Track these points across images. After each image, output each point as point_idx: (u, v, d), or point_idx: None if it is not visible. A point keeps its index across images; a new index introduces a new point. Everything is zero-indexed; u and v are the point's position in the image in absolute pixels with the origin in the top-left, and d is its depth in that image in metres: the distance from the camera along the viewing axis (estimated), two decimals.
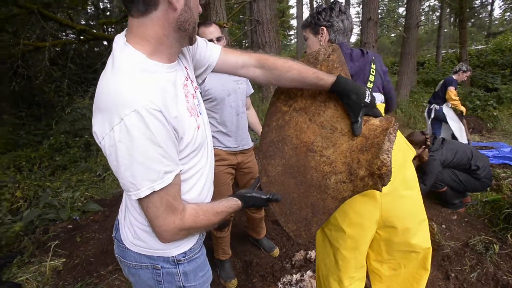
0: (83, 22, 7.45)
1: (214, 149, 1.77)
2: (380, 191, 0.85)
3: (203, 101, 1.73)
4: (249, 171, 1.94)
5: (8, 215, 2.70)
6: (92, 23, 7.64)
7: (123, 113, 0.60)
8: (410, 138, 2.60)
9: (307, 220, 0.95)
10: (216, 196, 2.00)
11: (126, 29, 0.71)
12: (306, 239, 0.97)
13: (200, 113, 0.84)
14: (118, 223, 0.87)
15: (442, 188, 2.58)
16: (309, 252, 2.15)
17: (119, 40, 0.70)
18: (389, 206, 1.13)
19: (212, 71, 0.93)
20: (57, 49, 4.95)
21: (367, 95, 0.87)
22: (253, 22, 7.70)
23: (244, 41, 16.07)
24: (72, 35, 5.36)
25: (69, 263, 2.11)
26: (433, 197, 2.79)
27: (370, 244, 1.27)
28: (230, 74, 0.96)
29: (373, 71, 1.18)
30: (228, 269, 2.01)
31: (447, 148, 2.58)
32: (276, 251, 2.22)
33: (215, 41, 1.66)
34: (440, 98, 4.10)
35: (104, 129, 0.62)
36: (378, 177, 0.83)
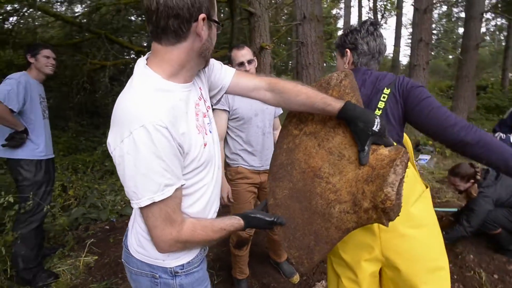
0: (145, 44, 8.33)
1: (237, 167, 1.82)
2: (386, 225, 0.79)
3: (231, 119, 1.80)
4: None
5: (60, 210, 3.04)
6: None
7: (133, 128, 0.66)
8: (456, 170, 2.33)
9: (309, 248, 0.92)
10: (235, 213, 2.01)
11: (149, 52, 0.78)
12: (308, 267, 0.93)
13: (210, 131, 0.87)
14: (128, 231, 0.93)
15: (495, 230, 2.24)
16: None
17: (140, 63, 0.77)
18: (389, 244, 1.03)
19: (225, 93, 0.98)
20: (122, 67, 5.62)
21: (376, 123, 0.83)
22: (298, 43, 7.86)
23: (290, 62, 16.35)
24: (133, 55, 6.05)
25: (100, 261, 2.29)
26: (485, 240, 2.43)
27: (382, 282, 1.17)
28: (242, 96, 0.99)
29: (384, 97, 1.07)
30: None
31: (503, 185, 2.25)
32: (296, 278, 2.13)
33: (246, 64, 1.73)
34: (508, 126, 3.62)
35: (116, 140, 0.68)
36: (382, 211, 0.78)
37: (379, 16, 16.66)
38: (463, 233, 2.19)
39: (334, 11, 20.67)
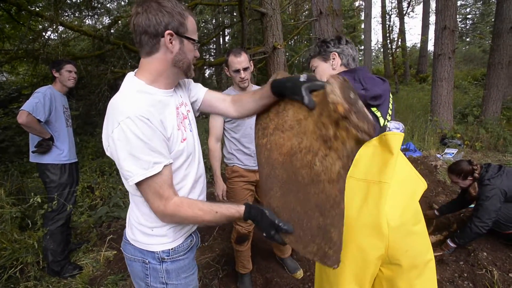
0: None
1: (233, 166, 1.91)
2: (364, 138, 0.73)
3: (226, 122, 1.89)
4: None
5: (88, 210, 3.34)
6: None
7: (120, 119, 0.79)
8: (452, 167, 2.26)
9: (321, 229, 0.81)
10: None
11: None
12: (334, 256, 0.79)
13: (190, 130, 1.02)
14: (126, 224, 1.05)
15: (508, 230, 2.12)
16: None
17: (130, 74, 0.93)
18: (398, 242, 1.02)
19: (201, 105, 1.11)
20: None
21: (301, 76, 0.88)
22: (316, 39, 7.76)
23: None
24: None
25: (118, 255, 2.49)
26: (502, 237, 2.29)
27: (373, 283, 1.16)
28: (212, 110, 1.13)
29: (391, 99, 1.18)
30: (247, 283, 2.06)
31: (508, 176, 2.11)
32: (300, 273, 2.17)
33: (242, 71, 1.78)
34: None
35: (108, 132, 0.82)
36: (344, 120, 0.72)
37: (405, 4, 15.84)
38: (476, 230, 2.08)
39: (356, 3, 19.99)
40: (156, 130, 0.82)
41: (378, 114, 1.13)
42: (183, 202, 0.87)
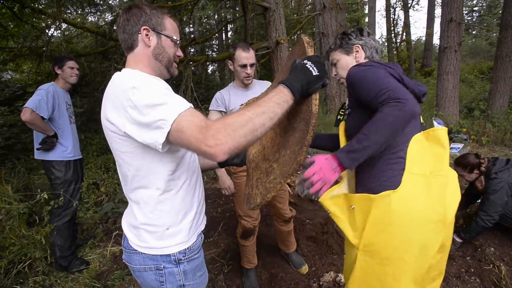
0: None
1: None
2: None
3: None
4: None
5: (94, 206, 3.36)
6: None
7: (134, 84, 0.77)
8: (458, 160, 2.23)
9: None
10: (239, 205, 2.09)
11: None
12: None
13: None
14: (125, 234, 0.99)
15: None
16: (340, 275, 2.03)
17: (119, 71, 0.91)
18: (450, 230, 1.08)
19: None
20: None
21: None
22: (319, 34, 7.69)
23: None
24: None
25: None
26: (509, 232, 2.27)
27: None
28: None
29: None
30: (252, 278, 2.07)
31: None
32: (305, 268, 2.17)
33: (249, 67, 1.76)
34: None
35: (124, 105, 0.75)
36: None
37: None
38: (482, 224, 2.06)
39: None
40: (170, 89, 0.82)
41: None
42: (218, 120, 0.71)
